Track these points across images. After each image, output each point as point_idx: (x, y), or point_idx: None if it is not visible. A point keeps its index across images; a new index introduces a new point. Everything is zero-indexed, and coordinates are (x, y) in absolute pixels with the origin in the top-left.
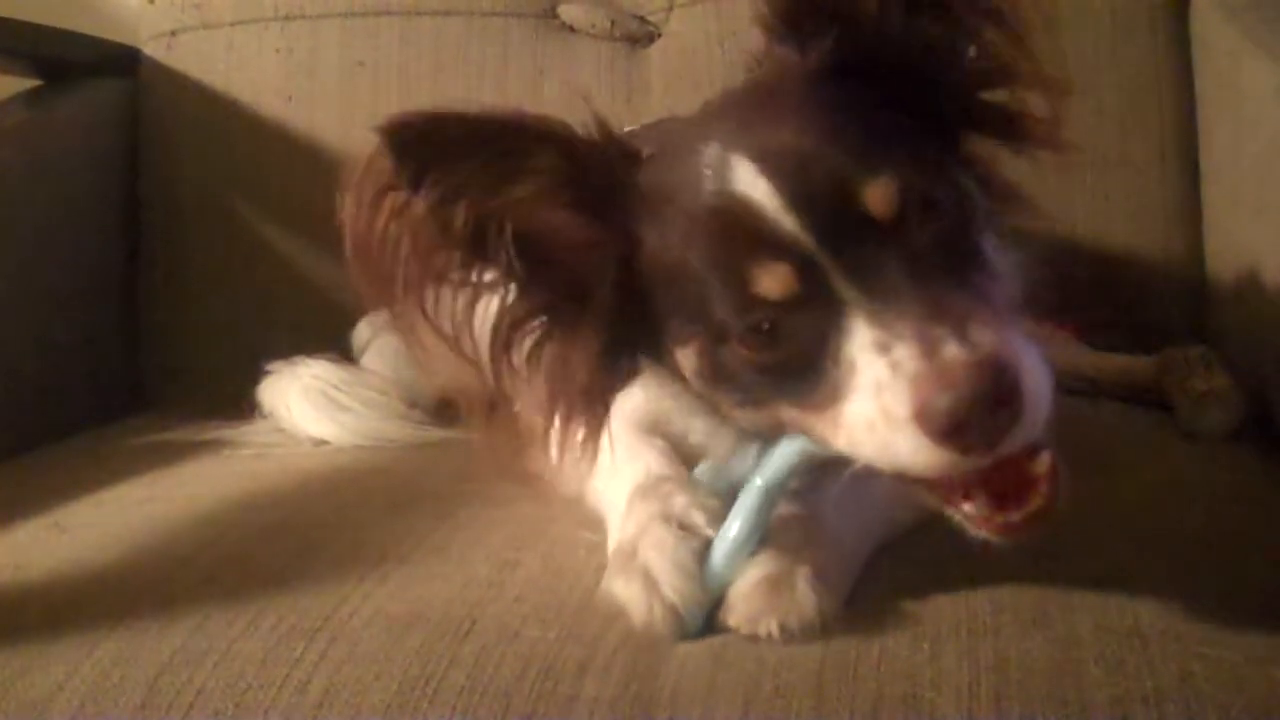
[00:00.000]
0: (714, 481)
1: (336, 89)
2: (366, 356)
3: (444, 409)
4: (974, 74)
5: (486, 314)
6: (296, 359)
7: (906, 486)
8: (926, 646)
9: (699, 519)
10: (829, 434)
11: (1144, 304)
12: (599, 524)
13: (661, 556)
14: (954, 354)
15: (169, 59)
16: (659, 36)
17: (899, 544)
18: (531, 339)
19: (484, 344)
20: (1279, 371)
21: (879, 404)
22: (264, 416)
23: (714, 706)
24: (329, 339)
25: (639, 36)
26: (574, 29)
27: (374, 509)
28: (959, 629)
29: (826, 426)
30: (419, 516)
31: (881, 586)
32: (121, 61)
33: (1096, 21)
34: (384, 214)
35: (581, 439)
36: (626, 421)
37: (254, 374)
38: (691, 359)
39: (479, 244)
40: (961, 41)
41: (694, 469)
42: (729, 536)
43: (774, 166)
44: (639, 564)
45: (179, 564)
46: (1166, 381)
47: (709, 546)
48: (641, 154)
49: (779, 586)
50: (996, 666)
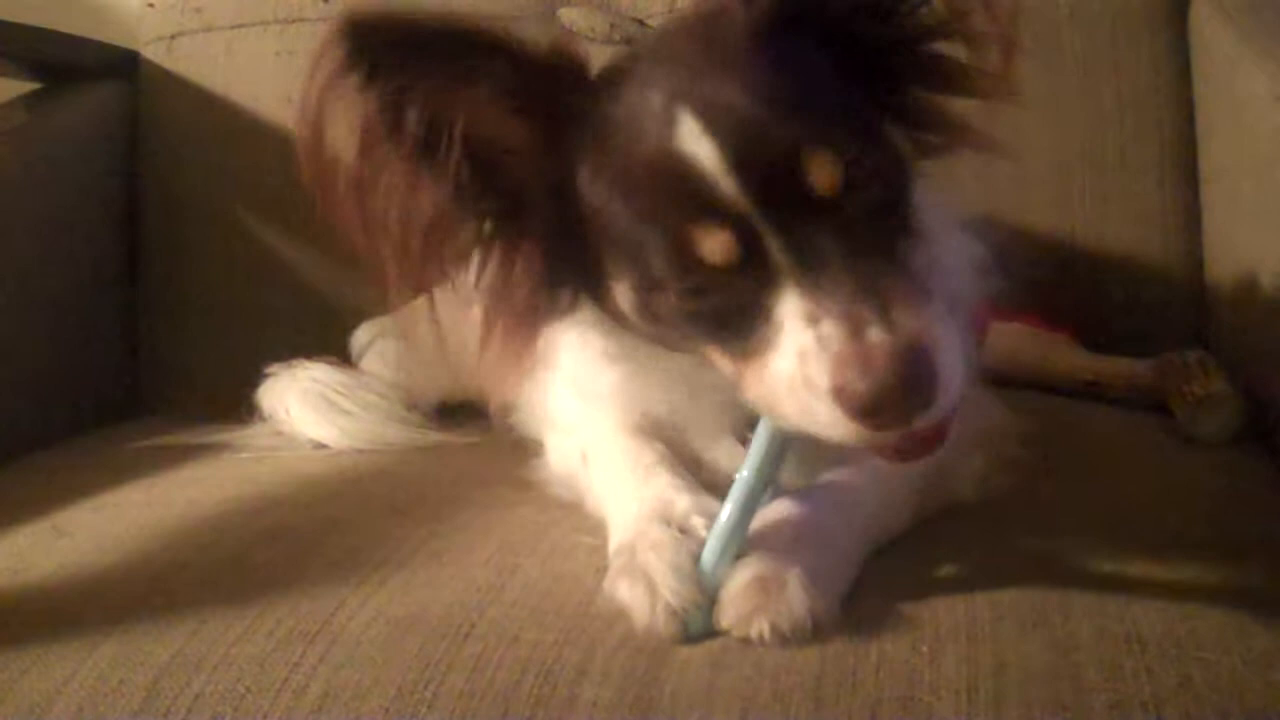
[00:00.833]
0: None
1: None
2: (366, 360)
3: (443, 412)
4: (921, 25)
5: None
6: (296, 362)
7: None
8: (925, 650)
9: (699, 523)
10: (751, 385)
11: (1143, 307)
12: (598, 528)
13: (660, 559)
14: (877, 339)
15: (169, 62)
16: None
17: (897, 545)
18: (464, 242)
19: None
20: (1278, 374)
21: (801, 371)
22: (263, 420)
23: (712, 710)
24: (329, 342)
25: (638, 40)
26: (573, 32)
27: (373, 512)
28: (958, 633)
29: (750, 378)
30: (418, 520)
31: (880, 589)
32: (121, 65)
33: (1095, 25)
34: (335, 103)
35: (514, 353)
36: (620, 422)
37: (253, 377)
38: (626, 295)
39: (427, 141)
40: None
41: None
42: (716, 532)
43: (719, 126)
44: (639, 566)
45: (178, 567)
46: (1166, 385)
47: None
48: (590, 77)
49: (769, 587)
50: (995, 670)
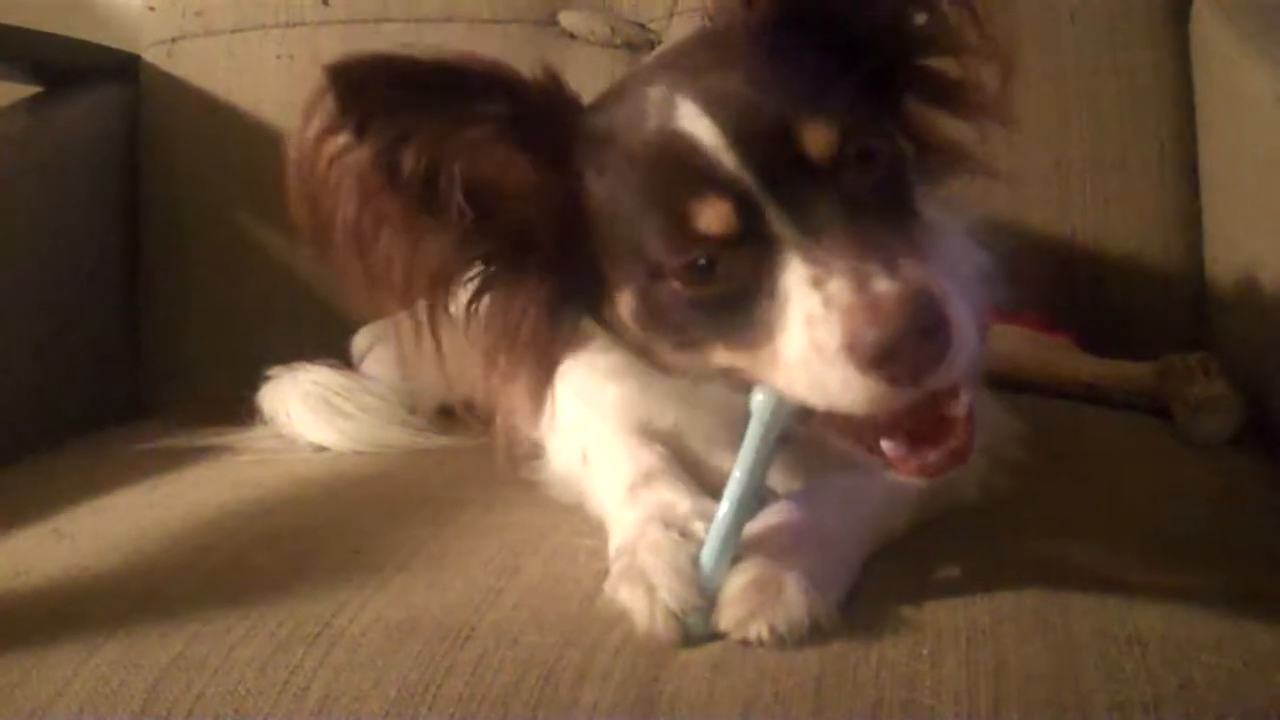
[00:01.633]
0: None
1: None
2: (366, 363)
3: (443, 415)
4: (921, 39)
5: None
6: (296, 365)
7: (830, 432)
8: (926, 652)
9: (699, 526)
10: (764, 372)
11: (1143, 308)
12: (599, 530)
13: (660, 562)
14: (885, 287)
15: (170, 66)
16: (659, 43)
17: (897, 548)
18: (471, 288)
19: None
20: (1279, 376)
21: (811, 338)
22: (264, 422)
23: (713, 713)
24: (329, 345)
25: (639, 43)
26: (574, 36)
27: (373, 515)
28: (958, 635)
29: (762, 365)
30: (418, 523)
31: (880, 592)
32: (122, 68)
33: (1096, 26)
34: (327, 156)
35: (526, 392)
36: (622, 426)
37: (254, 379)
38: (629, 301)
39: (426, 188)
40: (912, 5)
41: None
42: (713, 534)
43: (716, 107)
44: (639, 569)
45: (178, 570)
46: (1166, 388)
47: None
48: (581, 104)
49: (767, 589)
50: (996, 672)
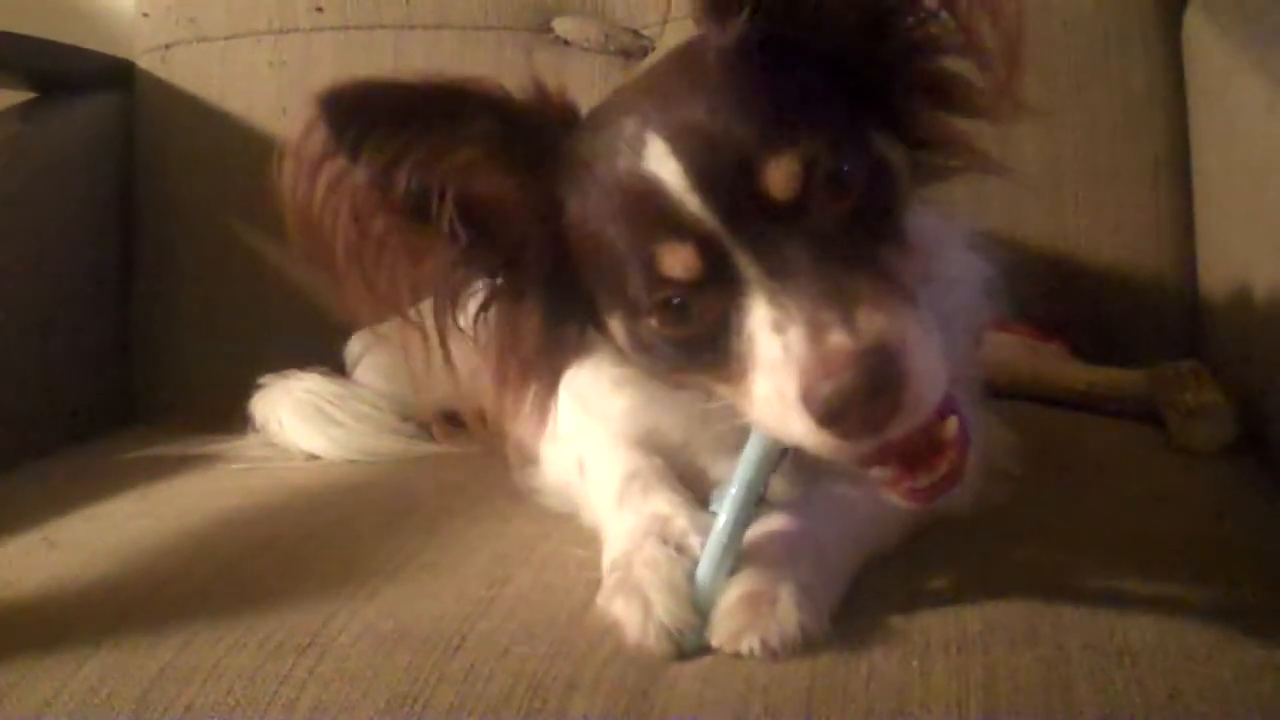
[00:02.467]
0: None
1: None
2: (359, 370)
3: (448, 422)
4: (916, 41)
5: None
6: (289, 373)
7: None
8: (916, 664)
9: (695, 541)
10: (743, 405)
11: (1136, 316)
12: (592, 540)
13: (655, 576)
14: (838, 342)
15: (163, 72)
16: (653, 50)
17: (887, 559)
18: (475, 301)
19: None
20: (1271, 385)
21: (774, 383)
22: (256, 430)
23: None
24: (322, 353)
25: (633, 50)
26: (568, 42)
27: (364, 525)
28: (948, 646)
29: (740, 398)
30: (409, 532)
31: (870, 603)
32: (116, 75)
33: (1089, 36)
34: (323, 183)
35: (532, 404)
36: (620, 435)
37: (247, 387)
38: (619, 329)
39: (420, 210)
40: (905, 5)
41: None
42: (709, 548)
43: (682, 146)
44: (634, 583)
45: (168, 580)
46: (1158, 395)
47: None
48: (578, 116)
49: (760, 603)
50: (986, 684)
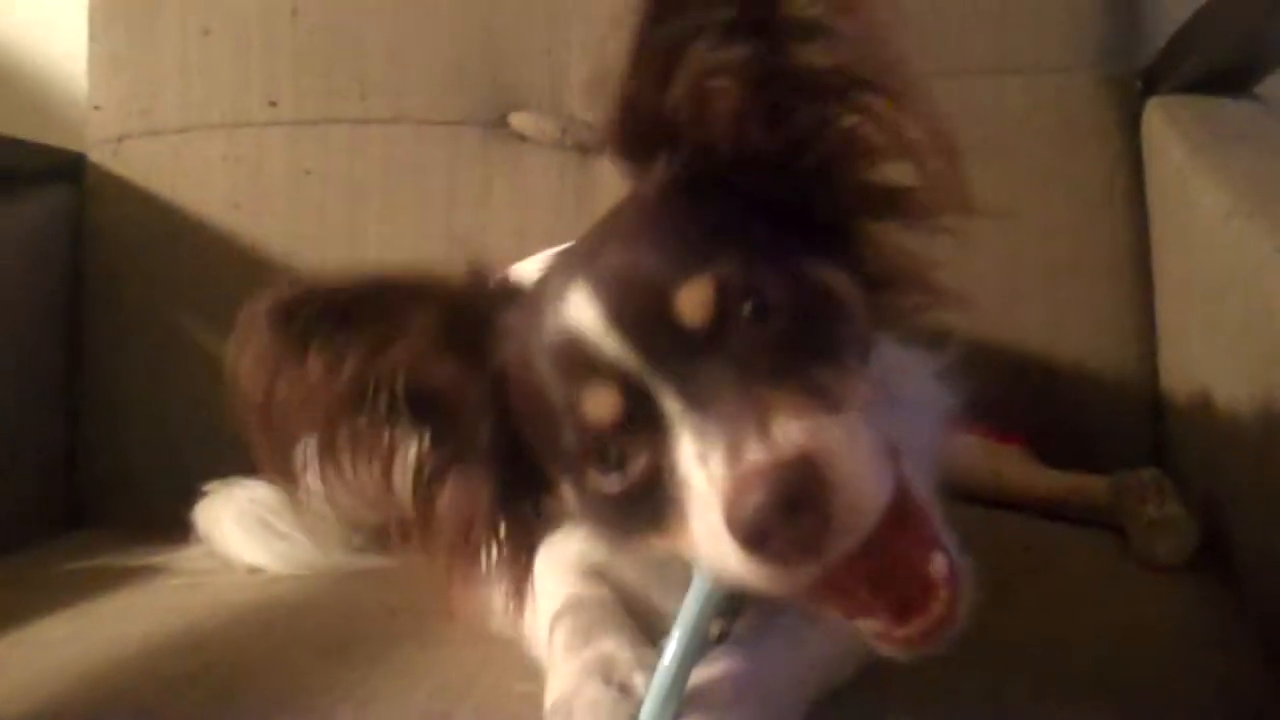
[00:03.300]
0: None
1: (284, 197)
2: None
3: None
4: (854, 154)
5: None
6: (235, 480)
7: (805, 607)
8: None
9: (639, 681)
10: (693, 555)
11: (1097, 416)
12: (535, 673)
13: None
14: (754, 457)
15: (116, 165)
16: None
17: (841, 692)
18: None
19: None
20: (1233, 498)
21: (705, 518)
22: (199, 540)
23: None
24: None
25: (591, 145)
26: (524, 137)
27: (303, 652)
28: None
29: (688, 549)
30: (349, 661)
31: None
32: (67, 168)
33: (1047, 130)
34: (278, 384)
35: (505, 591)
36: (568, 565)
37: (193, 492)
38: (569, 493)
39: (372, 406)
40: (837, 119)
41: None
42: (652, 691)
43: (601, 290)
44: None
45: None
46: (1120, 506)
47: None
48: (517, 292)
49: None
50: None
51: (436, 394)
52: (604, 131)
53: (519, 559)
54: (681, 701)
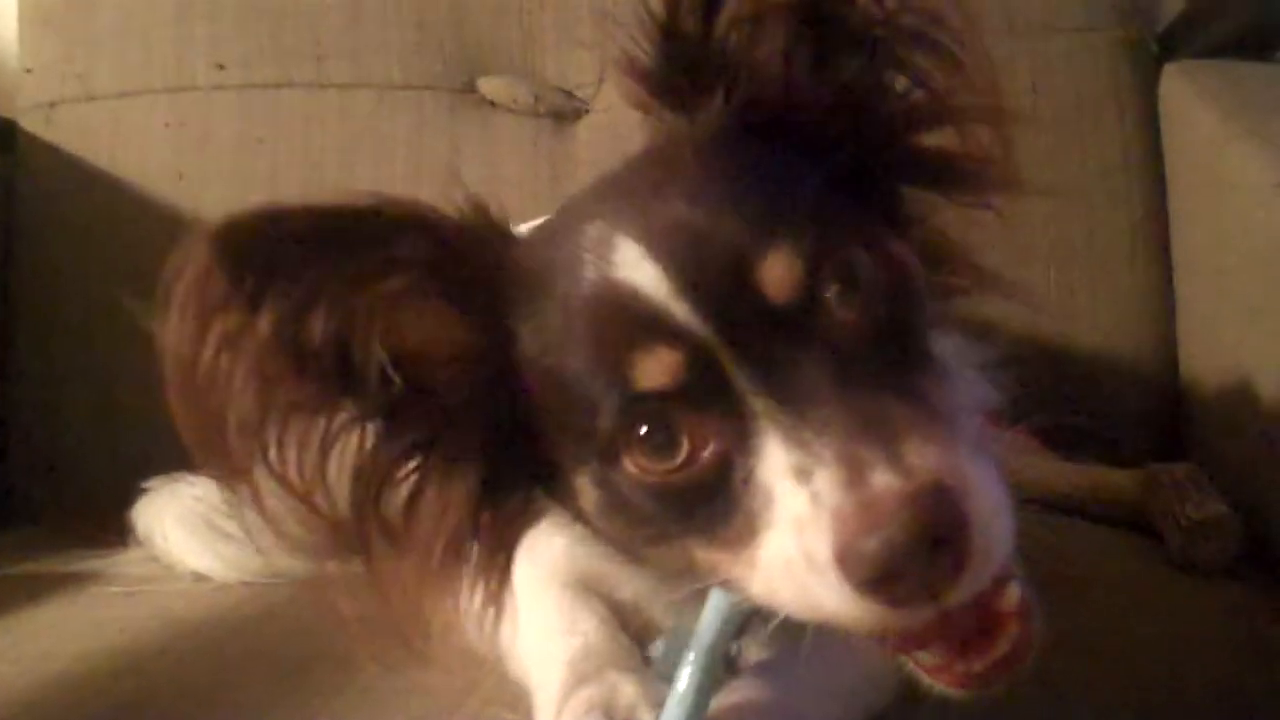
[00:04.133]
0: (672, 660)
1: (233, 167)
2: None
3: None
4: (905, 113)
5: (344, 460)
6: (178, 475)
7: (846, 632)
8: None
9: (645, 715)
10: (744, 577)
11: (1112, 404)
12: (522, 699)
13: None
14: (884, 483)
15: (48, 133)
16: (587, 112)
17: None
18: (407, 486)
19: (344, 498)
20: (1273, 497)
21: (799, 544)
22: (139, 543)
23: None
24: None
25: (565, 112)
26: (494, 104)
27: (256, 677)
28: None
29: (741, 568)
30: (310, 686)
31: None
32: None
33: (1059, 99)
34: (215, 340)
35: (481, 599)
36: (557, 579)
37: (133, 489)
38: (588, 489)
39: (340, 366)
40: (888, 76)
41: (651, 645)
42: None
43: (660, 247)
44: None
45: None
46: (1152, 503)
47: None
48: (527, 238)
49: None
50: None
51: (416, 353)
52: (642, 68)
53: (497, 560)
54: None
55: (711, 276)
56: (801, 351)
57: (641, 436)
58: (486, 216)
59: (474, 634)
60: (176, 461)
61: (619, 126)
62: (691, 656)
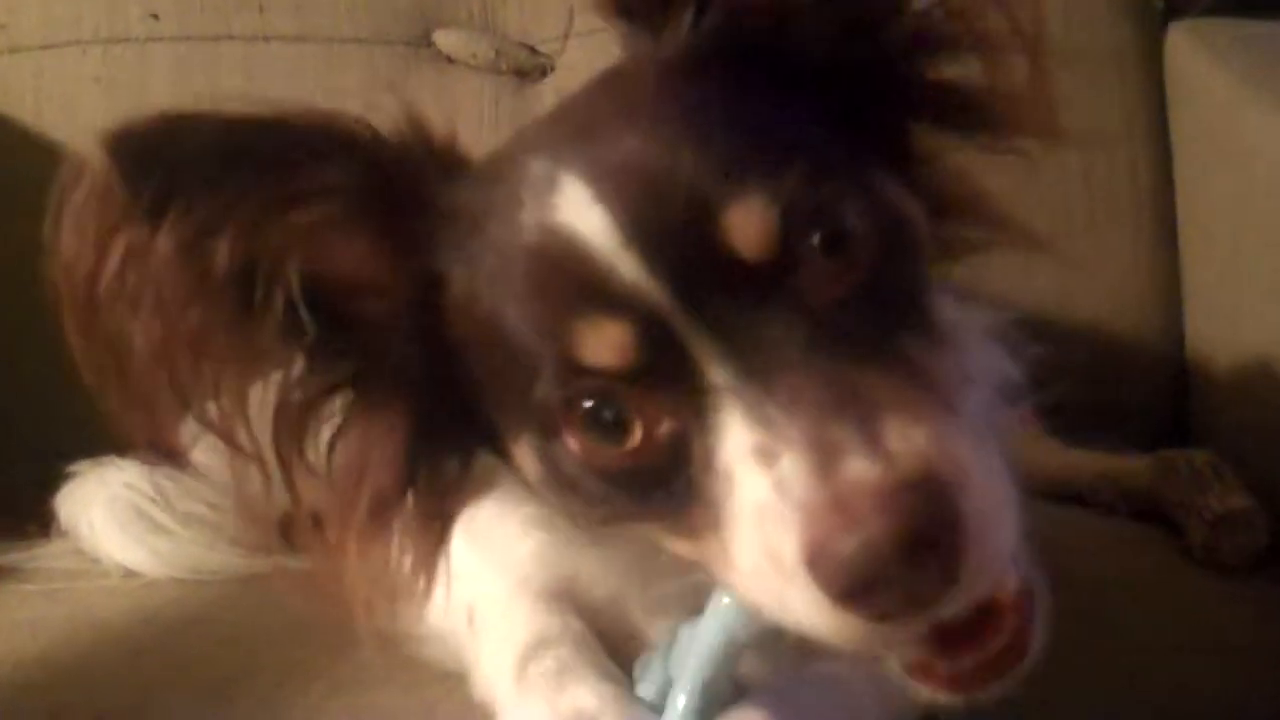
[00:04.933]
0: (662, 679)
1: None
2: (199, 450)
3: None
4: (921, 35)
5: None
6: (107, 458)
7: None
8: None
9: None
10: (717, 566)
11: (1116, 384)
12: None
13: None
14: (860, 471)
15: None
16: (552, 70)
17: None
18: (332, 424)
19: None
20: None
21: (763, 539)
22: (62, 534)
23: None
24: None
25: (529, 69)
26: (451, 60)
27: (184, 691)
28: None
29: (712, 556)
30: (247, 706)
31: None
32: None
33: (1056, 55)
34: (112, 259)
35: (410, 568)
36: (528, 590)
37: (55, 472)
38: (529, 460)
39: (251, 293)
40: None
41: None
42: None
43: (609, 189)
44: None
45: None
46: (1169, 493)
47: None
48: (466, 163)
49: None
50: None
51: (336, 286)
52: None
53: (432, 529)
54: None
55: (668, 226)
56: (772, 315)
57: (585, 414)
58: (427, 140)
59: (436, 648)
60: (104, 443)
61: None
62: (688, 676)
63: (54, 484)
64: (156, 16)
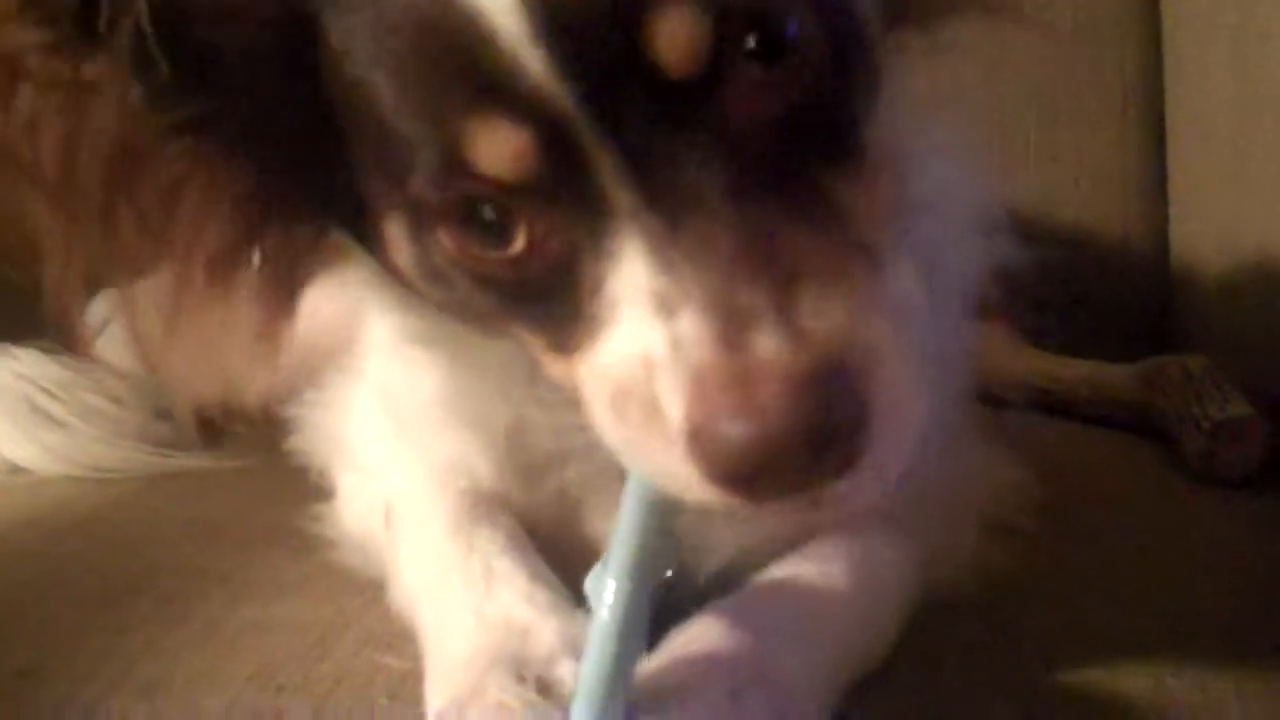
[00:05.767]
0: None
1: None
2: (102, 342)
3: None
4: None
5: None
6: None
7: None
8: None
9: (567, 670)
10: (588, 402)
11: (1099, 287)
12: (407, 639)
13: None
14: (768, 350)
15: None
16: None
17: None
18: (172, 168)
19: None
20: None
21: (643, 385)
22: None
23: None
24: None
25: None
26: None
27: (76, 596)
28: None
29: (584, 387)
30: (139, 615)
31: None
32: None
33: None
34: None
35: (255, 335)
36: (449, 488)
37: None
38: (400, 241)
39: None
40: None
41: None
42: (587, 679)
43: None
44: None
45: None
46: (1160, 402)
47: None
48: None
49: None
50: None
51: (195, 12)
52: None
53: (278, 296)
54: (630, 694)
55: (586, 23)
56: (692, 138)
57: (465, 214)
58: None
59: (352, 554)
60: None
61: None
62: (610, 584)
63: None
64: None
